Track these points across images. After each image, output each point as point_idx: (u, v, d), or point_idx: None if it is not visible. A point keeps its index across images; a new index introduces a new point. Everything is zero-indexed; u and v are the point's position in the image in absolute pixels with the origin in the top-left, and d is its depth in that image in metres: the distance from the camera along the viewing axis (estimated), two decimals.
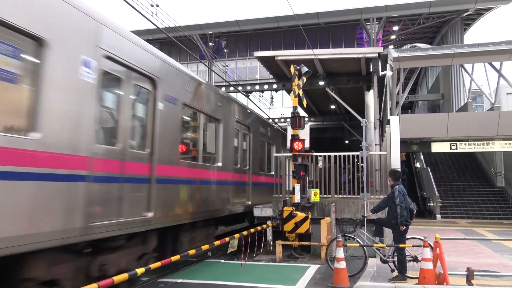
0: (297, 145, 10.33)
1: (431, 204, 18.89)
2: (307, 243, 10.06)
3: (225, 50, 35.47)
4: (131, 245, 6.45)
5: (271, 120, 19.44)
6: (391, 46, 28.04)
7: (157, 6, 14.26)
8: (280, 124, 21.01)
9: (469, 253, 9.85)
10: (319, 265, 8.98)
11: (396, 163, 11.92)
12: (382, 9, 27.86)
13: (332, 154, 11.21)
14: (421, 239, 7.24)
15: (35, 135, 4.43)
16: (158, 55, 7.30)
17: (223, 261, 9.67)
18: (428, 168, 21.43)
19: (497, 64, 15.96)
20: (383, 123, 16.73)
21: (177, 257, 6.38)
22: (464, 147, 15.85)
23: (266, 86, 18.25)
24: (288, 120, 10.91)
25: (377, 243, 7.81)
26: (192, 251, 7.13)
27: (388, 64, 14.97)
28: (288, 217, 9.88)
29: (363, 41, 32.59)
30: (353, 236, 8.16)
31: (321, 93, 17.86)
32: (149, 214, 6.64)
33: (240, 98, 18.45)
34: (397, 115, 14.66)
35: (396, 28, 31.04)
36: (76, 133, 5.05)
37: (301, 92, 10.77)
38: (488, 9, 27.51)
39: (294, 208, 10.02)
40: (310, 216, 9.97)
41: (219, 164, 9.91)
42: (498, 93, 18.74)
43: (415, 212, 7.68)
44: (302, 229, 9.81)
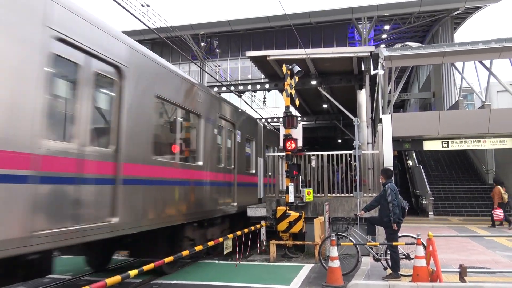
0: (290, 145, 10.34)
1: (424, 202, 18.97)
2: (301, 242, 10.07)
3: (217, 50, 35.43)
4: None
5: (263, 120, 19.46)
6: (383, 45, 28.11)
7: (148, 6, 14.19)
8: (273, 124, 21.02)
9: (461, 250, 9.91)
10: (313, 264, 9.00)
11: (388, 161, 11.99)
12: (373, 8, 28.01)
13: (325, 153, 11.25)
14: (414, 237, 7.28)
15: None
16: (126, 41, 6.64)
17: (217, 261, 9.66)
18: (420, 166, 21.54)
19: (487, 63, 16.11)
20: (375, 121, 16.81)
21: (170, 258, 6.36)
22: (455, 145, 15.95)
23: (258, 86, 18.26)
24: (281, 119, 10.92)
25: (370, 242, 7.84)
26: (186, 252, 7.11)
27: (379, 63, 15.03)
28: (281, 217, 9.89)
29: (355, 40, 32.73)
30: (345, 235, 8.18)
31: (313, 93, 17.90)
32: (113, 219, 5.97)
33: (232, 98, 18.43)
34: (389, 113, 14.74)
35: (387, 27, 31.22)
36: (16, 126, 4.37)
37: (293, 92, 10.78)
38: (478, 8, 27.77)
39: (288, 208, 10.03)
40: (303, 216, 9.98)
41: (200, 163, 9.25)
42: (489, 91, 18.90)
43: (407, 210, 7.73)
44: (296, 229, 9.82)
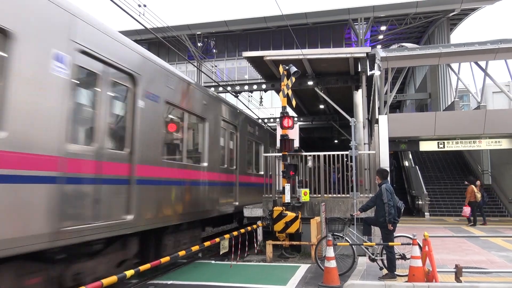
0: (287, 145, 10.35)
1: (420, 202, 19.06)
2: (297, 242, 10.07)
3: (214, 51, 35.42)
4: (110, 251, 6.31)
5: (260, 120, 19.48)
6: (379, 46, 28.23)
7: (145, 6, 14.18)
8: (269, 124, 21.04)
9: (457, 250, 9.96)
10: (309, 265, 9.00)
11: (384, 162, 12.03)
12: (369, 9, 28.09)
13: (322, 153, 11.26)
14: (410, 237, 7.31)
15: (0, 134, 4.18)
16: (138, 51, 7.07)
17: (213, 262, 9.65)
18: (417, 167, 21.62)
19: (483, 64, 16.19)
20: (371, 122, 16.85)
21: (166, 259, 6.35)
22: (451, 146, 16.04)
23: (255, 86, 18.25)
24: (278, 120, 10.93)
25: (366, 242, 7.86)
26: (182, 252, 7.10)
27: (376, 64, 15.10)
28: (278, 217, 9.89)
29: (351, 41, 32.82)
30: (342, 235, 8.20)
31: (310, 93, 17.91)
32: (128, 216, 6.44)
33: (229, 98, 18.41)
34: (386, 114, 14.79)
35: (383, 28, 31.32)
36: (46, 132, 4.77)
37: (290, 92, 10.79)
38: (474, 9, 27.90)
39: (284, 208, 10.04)
40: (300, 216, 9.99)
41: (205, 164, 9.72)
42: (484, 92, 19.00)
43: (402, 210, 7.76)
44: (292, 229, 9.82)
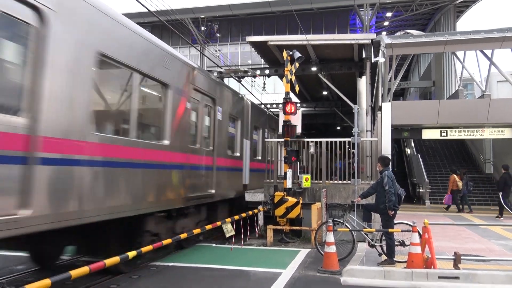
0: (289, 131, 10.36)
1: (421, 190, 19.11)
2: (298, 227, 10.15)
3: (217, 35, 35.16)
4: None
5: (263, 106, 19.40)
6: (384, 33, 27.97)
7: None
8: (272, 110, 20.99)
9: (457, 238, 10.02)
10: (309, 249, 9.09)
11: (387, 149, 12.03)
12: None
13: (324, 140, 11.26)
14: (410, 224, 7.37)
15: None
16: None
17: (214, 245, 9.75)
18: (419, 155, 21.62)
19: (488, 52, 16.04)
20: (374, 109, 16.80)
21: (168, 241, 6.42)
22: (454, 134, 15.99)
23: (258, 72, 18.16)
24: (280, 105, 10.91)
25: (366, 228, 7.92)
26: (184, 235, 7.18)
27: (380, 51, 14.96)
28: (279, 202, 9.96)
29: (356, 27, 32.50)
30: (342, 221, 8.26)
31: (313, 79, 17.83)
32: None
33: (232, 83, 18.35)
34: (389, 101, 14.73)
35: (389, 14, 30.96)
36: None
37: (293, 78, 10.75)
38: None
39: (286, 193, 10.09)
40: (301, 201, 10.05)
41: (166, 142, 7.69)
42: (489, 81, 18.86)
43: (403, 197, 7.80)
44: (293, 214, 9.89)
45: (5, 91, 4.52)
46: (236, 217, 9.25)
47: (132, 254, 5.15)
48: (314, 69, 15.51)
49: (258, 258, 8.52)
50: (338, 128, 27.91)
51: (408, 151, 24.99)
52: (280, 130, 10.73)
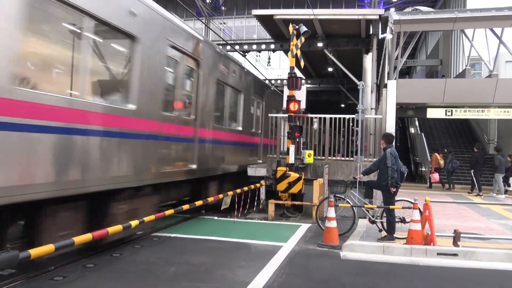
0: (293, 106, 10.31)
1: (423, 169, 19.13)
2: (299, 203, 10.23)
3: (223, 8, 34.59)
4: None
5: (267, 81, 19.26)
6: (392, 9, 27.43)
7: None
8: (276, 85, 20.85)
9: (457, 216, 10.08)
10: (310, 224, 9.17)
11: (391, 127, 11.97)
12: None
13: (328, 116, 11.20)
14: (411, 202, 7.40)
15: None
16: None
17: (216, 218, 9.85)
18: (422, 134, 21.56)
19: (498, 31, 15.77)
20: (379, 87, 16.65)
21: (171, 211, 6.48)
22: (459, 114, 15.87)
23: (263, 46, 17.96)
24: (285, 81, 10.81)
25: (367, 204, 7.96)
26: (186, 206, 7.25)
27: (388, 27, 14.72)
28: (281, 177, 10.00)
29: (364, 2, 31.89)
30: (343, 197, 8.31)
31: (319, 55, 17.63)
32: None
33: (236, 57, 18.16)
34: (395, 79, 14.58)
35: None
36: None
37: (299, 53, 10.62)
38: None
39: (288, 169, 10.12)
40: (303, 177, 10.09)
41: (132, 107, 6.50)
42: (497, 60, 18.60)
43: (405, 174, 7.82)
44: (295, 189, 9.95)
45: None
46: (238, 191, 9.31)
47: (134, 223, 5.21)
48: (320, 44, 15.30)
49: (259, 231, 8.61)
50: (343, 105, 27.76)
51: (412, 130, 24.91)
52: (284, 105, 10.67)
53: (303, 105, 10.74)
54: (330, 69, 21.68)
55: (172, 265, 5.86)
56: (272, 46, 17.39)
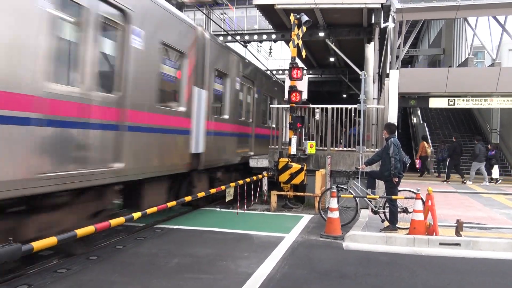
0: (295, 97, 10.26)
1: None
2: (301, 194, 10.24)
3: None
4: None
5: (268, 72, 19.15)
6: None
7: None
8: (278, 76, 20.74)
9: (459, 206, 10.08)
10: (312, 215, 9.18)
11: (393, 117, 11.92)
12: None
13: (330, 106, 11.15)
14: (413, 192, 7.38)
15: None
16: None
17: (218, 209, 9.87)
18: (425, 123, 21.49)
19: (501, 19, 15.62)
20: (381, 77, 16.55)
21: (173, 203, 6.48)
22: (462, 103, 15.81)
23: (265, 37, 17.79)
24: (286, 71, 10.75)
25: (369, 195, 7.96)
26: (188, 198, 7.25)
27: (390, 16, 14.58)
28: (283, 168, 9.99)
29: None
30: (346, 188, 8.30)
31: (320, 45, 17.48)
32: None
33: (238, 48, 18.06)
34: (397, 69, 14.49)
35: None
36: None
37: (300, 43, 10.54)
38: None
39: (290, 160, 10.11)
40: (305, 168, 10.08)
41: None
42: (500, 49, 18.46)
43: (408, 164, 7.80)
44: (297, 180, 9.94)
45: None
46: (241, 182, 9.28)
47: (137, 215, 5.21)
48: (321, 34, 15.16)
49: (262, 222, 8.63)
50: (344, 96, 27.61)
51: (414, 120, 24.83)
52: (286, 95, 10.62)
53: (304, 96, 10.68)
54: (331, 59, 21.49)
55: (175, 256, 5.87)
56: (273, 36, 17.23)
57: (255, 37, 18.01)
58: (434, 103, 16.36)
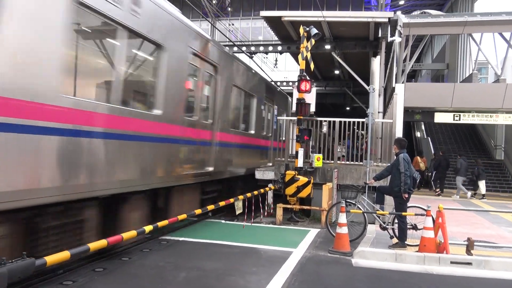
0: (303, 110, 10.21)
1: (429, 174, 18.99)
2: (308, 207, 10.13)
3: (229, 9, 34.53)
4: None
5: (273, 83, 19.12)
6: (399, 12, 27.33)
7: None
8: (282, 88, 20.74)
9: (466, 223, 9.97)
10: (319, 229, 9.08)
11: (400, 132, 11.86)
12: None
13: (337, 119, 11.08)
14: (423, 208, 7.29)
15: None
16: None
17: (223, 221, 9.76)
18: (429, 138, 21.44)
19: (506, 36, 15.66)
20: (386, 90, 16.55)
21: (183, 216, 6.40)
22: (467, 119, 15.78)
23: (270, 48, 17.85)
24: (291, 83, 10.71)
25: (378, 210, 7.86)
26: (198, 211, 7.18)
27: (397, 30, 14.62)
28: (290, 181, 9.90)
29: (371, 5, 31.81)
30: (354, 202, 8.21)
31: (326, 58, 17.52)
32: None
33: (243, 58, 18.07)
34: (403, 83, 14.48)
35: None
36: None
37: (309, 55, 10.53)
38: None
39: (297, 172, 10.03)
40: (312, 181, 9.99)
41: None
42: (505, 65, 18.49)
43: (418, 181, 7.72)
44: (304, 193, 9.84)
45: None
46: (249, 195, 9.21)
47: (148, 229, 5.13)
48: (328, 47, 15.20)
49: (268, 236, 8.51)
50: (348, 108, 27.65)
51: (418, 134, 24.79)
52: (294, 108, 10.57)
53: (312, 108, 10.64)
54: (336, 72, 21.56)
55: (182, 270, 5.77)
56: (280, 48, 17.28)
57: (261, 48, 18.06)
58: (440, 118, 16.34)
